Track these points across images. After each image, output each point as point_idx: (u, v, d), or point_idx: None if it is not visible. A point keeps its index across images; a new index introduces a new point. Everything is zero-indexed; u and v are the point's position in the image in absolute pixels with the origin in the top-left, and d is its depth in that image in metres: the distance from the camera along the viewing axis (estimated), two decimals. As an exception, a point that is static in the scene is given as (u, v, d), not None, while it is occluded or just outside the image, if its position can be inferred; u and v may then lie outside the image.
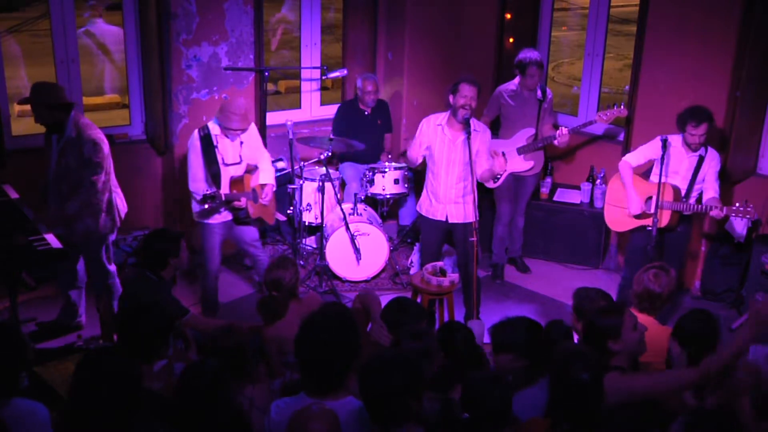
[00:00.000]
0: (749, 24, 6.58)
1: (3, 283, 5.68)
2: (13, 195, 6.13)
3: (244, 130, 6.25)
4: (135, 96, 7.38)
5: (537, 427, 3.61)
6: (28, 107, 5.78)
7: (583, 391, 3.48)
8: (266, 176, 6.51)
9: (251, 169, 6.47)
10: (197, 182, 6.21)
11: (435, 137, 6.17)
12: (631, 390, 3.77)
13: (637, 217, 6.36)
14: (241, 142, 6.31)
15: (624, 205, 6.47)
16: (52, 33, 6.86)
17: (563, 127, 7.04)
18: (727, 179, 6.75)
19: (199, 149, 6.17)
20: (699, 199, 6.31)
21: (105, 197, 5.93)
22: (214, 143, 6.19)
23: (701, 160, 6.24)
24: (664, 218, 6.26)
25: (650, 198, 6.32)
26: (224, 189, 6.22)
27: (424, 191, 6.40)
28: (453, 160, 6.12)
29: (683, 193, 6.29)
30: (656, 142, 6.29)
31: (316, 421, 3.19)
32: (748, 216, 6.00)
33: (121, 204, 6.15)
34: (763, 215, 6.81)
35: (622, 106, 6.97)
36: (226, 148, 6.25)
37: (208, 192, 5.99)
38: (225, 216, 6.34)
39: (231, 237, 6.51)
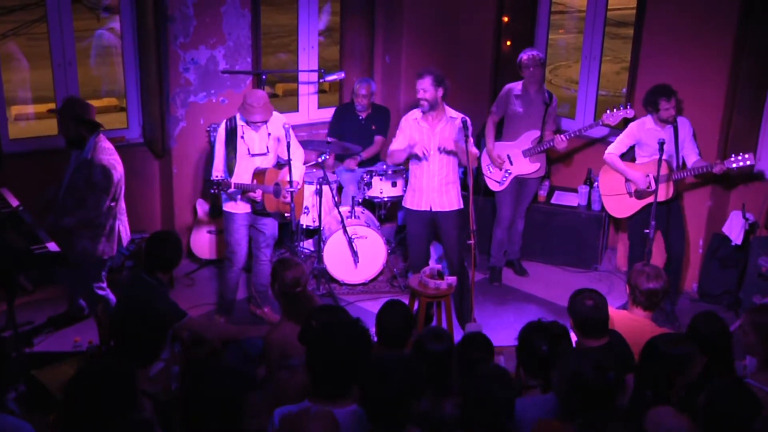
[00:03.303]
0: (746, 27, 6.60)
1: (1, 286, 5.67)
2: (11, 199, 6.12)
3: (265, 122, 6.28)
4: (132, 99, 7.37)
5: (548, 428, 3.59)
6: (25, 110, 5.80)
7: (597, 390, 3.47)
8: (294, 173, 6.50)
9: (281, 165, 6.49)
10: (217, 172, 6.28)
11: (414, 131, 6.34)
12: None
13: (639, 197, 6.64)
14: (269, 133, 6.34)
15: (622, 191, 6.81)
16: (49, 36, 6.84)
17: (561, 135, 7.10)
18: (724, 180, 6.77)
19: (223, 139, 6.26)
20: (683, 166, 6.72)
21: (108, 223, 5.94)
22: (239, 134, 6.25)
23: (676, 129, 6.60)
24: (669, 190, 6.61)
25: (647, 176, 6.61)
26: (246, 180, 6.26)
27: (409, 187, 6.54)
28: (432, 150, 6.26)
29: (674, 164, 6.64)
30: (631, 129, 6.79)
31: (315, 422, 3.18)
32: (748, 161, 6.36)
33: (125, 232, 6.14)
34: (760, 217, 6.83)
35: (628, 108, 7.02)
36: (252, 139, 6.30)
37: (215, 179, 6.04)
38: (245, 207, 6.38)
39: (252, 227, 6.52)
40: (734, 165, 6.40)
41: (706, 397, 3.36)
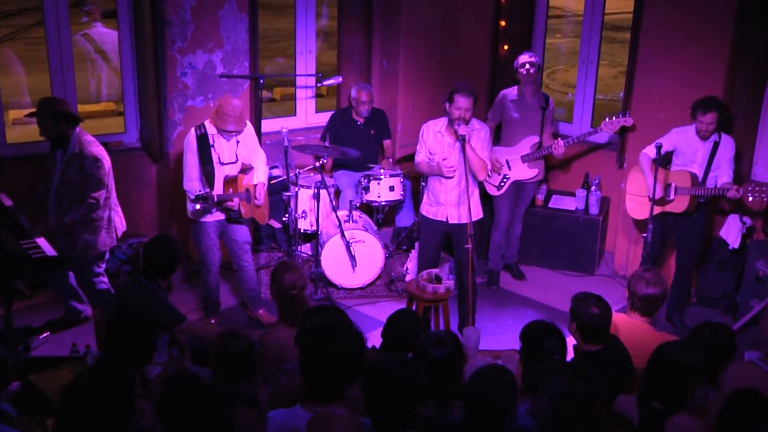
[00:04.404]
0: (742, 31, 6.61)
1: (-2, 291, 5.67)
2: (8, 203, 6.11)
3: (239, 132, 6.27)
4: (130, 103, 7.37)
5: None
6: (22, 116, 5.80)
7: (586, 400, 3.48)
8: (259, 176, 6.51)
9: (246, 169, 6.47)
10: (192, 181, 6.23)
11: (435, 143, 6.22)
12: None
13: (657, 203, 6.46)
14: (237, 142, 6.33)
15: (643, 193, 6.68)
16: (47, 40, 6.84)
17: (559, 139, 7.08)
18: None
19: (195, 148, 6.19)
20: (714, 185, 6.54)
21: (105, 214, 5.97)
22: (211, 143, 6.21)
23: (716, 146, 6.43)
24: (683, 203, 6.47)
25: (669, 185, 6.49)
26: (218, 188, 6.23)
27: (426, 195, 6.44)
28: (453, 164, 6.14)
29: (700, 179, 6.48)
30: (670, 135, 6.55)
31: (339, 423, 3.18)
32: (764, 195, 6.20)
33: (120, 222, 6.17)
34: (758, 221, 6.83)
35: (627, 116, 7.02)
36: (222, 148, 6.27)
37: (200, 192, 6.00)
38: (218, 215, 6.35)
39: (224, 236, 6.51)
40: (750, 198, 6.27)
41: (721, 406, 3.34)
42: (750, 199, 6.29)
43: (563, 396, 3.46)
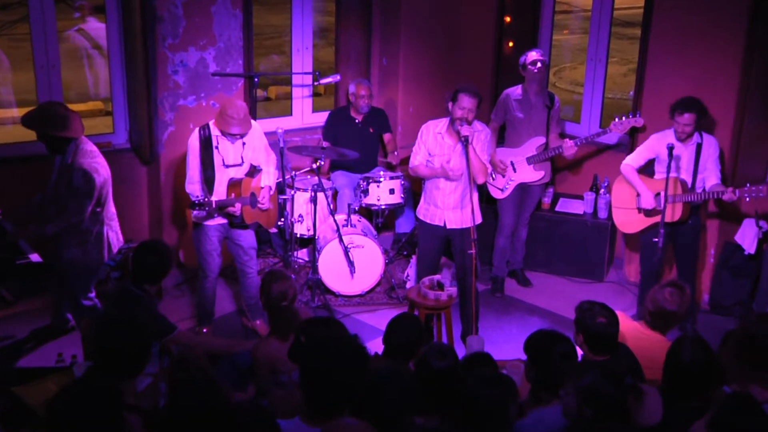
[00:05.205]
0: (756, 30, 6.48)
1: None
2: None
3: (243, 135, 6.10)
4: (119, 103, 7.21)
5: None
6: (7, 114, 5.61)
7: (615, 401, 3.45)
8: (266, 179, 6.36)
9: (254, 171, 6.31)
10: (193, 184, 6.11)
11: (435, 145, 6.08)
12: None
13: (648, 214, 6.40)
14: (244, 143, 6.17)
15: (632, 205, 6.58)
16: (32, 37, 6.67)
17: (568, 139, 6.92)
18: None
19: (197, 150, 6.05)
20: (703, 189, 6.45)
21: (95, 228, 5.75)
22: (214, 144, 6.06)
23: (699, 147, 6.35)
24: (676, 212, 6.35)
25: (659, 194, 6.35)
26: (221, 192, 6.09)
27: (423, 198, 6.30)
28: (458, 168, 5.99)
29: (689, 184, 6.39)
30: (651, 141, 6.49)
31: None
32: (761, 194, 6.07)
33: (115, 238, 5.94)
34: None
35: (638, 116, 6.88)
36: (227, 150, 6.11)
37: (197, 199, 5.87)
38: (221, 219, 6.22)
39: (228, 241, 6.37)
40: (747, 197, 6.12)
41: (714, 413, 3.28)
42: (747, 200, 6.20)
43: (591, 391, 3.46)
